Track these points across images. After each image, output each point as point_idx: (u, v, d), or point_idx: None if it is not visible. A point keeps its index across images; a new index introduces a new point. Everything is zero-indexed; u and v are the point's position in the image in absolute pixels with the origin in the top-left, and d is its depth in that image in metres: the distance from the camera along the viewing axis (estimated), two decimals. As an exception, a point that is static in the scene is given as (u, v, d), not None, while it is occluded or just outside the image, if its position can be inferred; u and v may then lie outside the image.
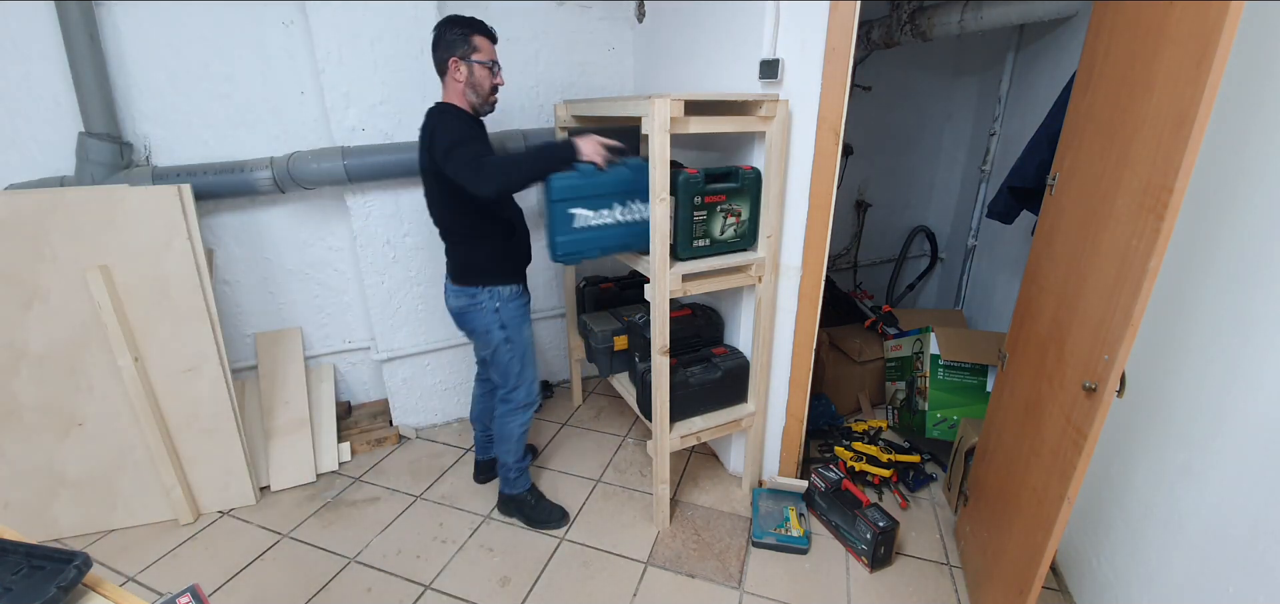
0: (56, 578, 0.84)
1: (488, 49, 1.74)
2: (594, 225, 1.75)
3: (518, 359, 1.92)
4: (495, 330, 1.87)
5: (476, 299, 1.84)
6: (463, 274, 1.85)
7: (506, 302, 1.86)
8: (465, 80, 1.72)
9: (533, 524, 2.11)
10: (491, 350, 1.91)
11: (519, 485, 2.11)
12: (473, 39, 1.71)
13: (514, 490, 2.11)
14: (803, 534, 1.95)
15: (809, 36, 1.68)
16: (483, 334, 1.89)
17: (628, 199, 1.78)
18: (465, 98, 1.74)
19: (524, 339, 1.93)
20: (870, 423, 2.60)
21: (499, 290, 1.84)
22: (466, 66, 1.70)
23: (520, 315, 1.91)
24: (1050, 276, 1.49)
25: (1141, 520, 1.45)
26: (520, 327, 1.91)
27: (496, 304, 1.84)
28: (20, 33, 1.91)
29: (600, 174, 1.71)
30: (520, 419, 2.00)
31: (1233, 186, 1.24)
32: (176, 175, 2.06)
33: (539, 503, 2.13)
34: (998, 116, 2.87)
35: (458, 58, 1.70)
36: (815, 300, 1.91)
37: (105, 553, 1.98)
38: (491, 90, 1.78)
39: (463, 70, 1.71)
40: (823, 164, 1.77)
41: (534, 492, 2.15)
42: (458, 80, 1.72)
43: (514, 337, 1.90)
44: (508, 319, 1.87)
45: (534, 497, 2.13)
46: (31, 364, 1.90)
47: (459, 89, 1.73)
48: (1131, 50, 1.21)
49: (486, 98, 1.77)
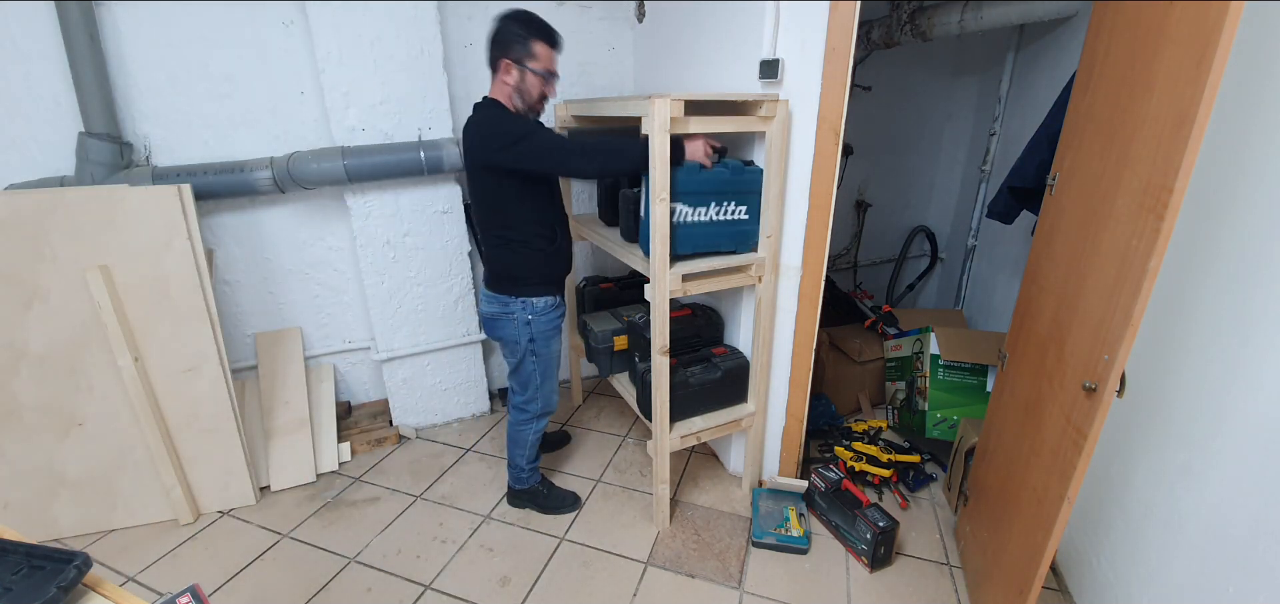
0: (56, 578, 0.84)
1: (546, 57, 1.67)
2: (690, 222, 1.74)
3: (540, 372, 1.90)
4: (523, 342, 1.83)
5: (509, 308, 1.80)
6: (498, 281, 1.80)
7: (540, 314, 1.82)
8: (515, 84, 1.65)
9: (547, 511, 2.13)
10: (517, 361, 1.88)
11: (531, 481, 2.12)
12: (532, 44, 1.64)
13: (526, 485, 2.13)
14: (803, 534, 1.95)
15: (809, 36, 1.68)
16: (511, 343, 1.85)
17: (723, 199, 1.77)
18: (511, 101, 1.68)
19: (551, 353, 1.90)
20: (870, 423, 2.60)
21: (533, 302, 1.80)
22: (519, 71, 1.64)
23: (552, 329, 1.87)
24: (1050, 276, 1.49)
25: (1141, 520, 1.45)
26: (549, 341, 1.87)
27: (529, 316, 1.80)
28: (20, 33, 1.91)
29: (702, 172, 1.69)
30: (534, 427, 2.01)
31: (1233, 186, 1.24)
32: (176, 175, 2.06)
33: (551, 492, 2.15)
34: (998, 116, 2.87)
35: (511, 60, 1.63)
36: (815, 300, 1.91)
37: (105, 553, 1.98)
38: (540, 99, 1.71)
39: (514, 74, 1.64)
40: (823, 164, 1.77)
41: (545, 482, 2.17)
42: (507, 82, 1.66)
43: (541, 350, 1.86)
44: (538, 332, 1.83)
45: (546, 487, 2.16)
46: (31, 364, 1.90)
47: (507, 91, 1.67)
48: (1131, 50, 1.21)
49: (533, 107, 1.71)
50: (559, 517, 2.13)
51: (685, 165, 1.71)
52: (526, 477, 2.11)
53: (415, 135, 2.32)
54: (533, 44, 1.64)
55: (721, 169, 1.77)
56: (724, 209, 1.79)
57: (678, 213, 1.71)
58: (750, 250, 1.89)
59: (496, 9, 2.47)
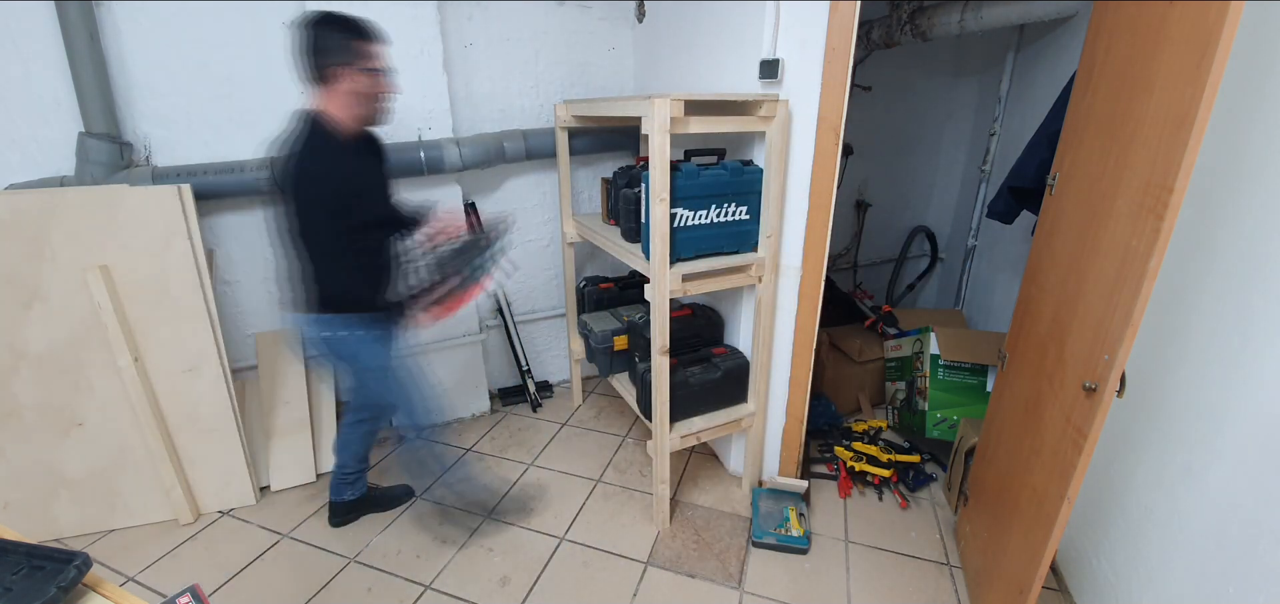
0: (56, 578, 0.84)
1: (379, 53, 1.53)
2: (691, 225, 1.75)
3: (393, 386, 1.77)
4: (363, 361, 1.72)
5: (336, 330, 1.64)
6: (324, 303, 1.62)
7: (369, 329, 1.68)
8: (353, 91, 1.51)
9: (388, 507, 2.15)
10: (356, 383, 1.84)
11: (360, 488, 2.10)
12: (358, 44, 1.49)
13: (356, 494, 2.10)
14: (803, 534, 1.95)
15: (809, 36, 1.68)
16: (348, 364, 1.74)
17: (723, 200, 1.78)
18: (350, 111, 1.53)
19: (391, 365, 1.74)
20: (870, 423, 2.60)
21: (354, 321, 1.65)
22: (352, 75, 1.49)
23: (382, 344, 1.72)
24: (1050, 276, 1.49)
25: (1141, 520, 1.45)
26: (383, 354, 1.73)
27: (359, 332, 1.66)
28: (20, 33, 1.91)
29: (701, 174, 1.70)
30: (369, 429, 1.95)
31: (1233, 186, 1.24)
32: (176, 175, 2.06)
33: (384, 491, 2.16)
34: (998, 116, 2.87)
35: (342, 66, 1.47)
36: (815, 300, 1.91)
37: (105, 553, 1.98)
38: (383, 101, 1.58)
39: (346, 80, 1.48)
40: (823, 164, 1.77)
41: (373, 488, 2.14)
42: (340, 91, 1.50)
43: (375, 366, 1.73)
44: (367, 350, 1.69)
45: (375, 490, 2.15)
46: (31, 364, 1.90)
47: (342, 102, 1.52)
48: (1131, 50, 1.21)
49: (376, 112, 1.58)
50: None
51: (684, 168, 1.71)
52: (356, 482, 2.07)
53: (415, 135, 2.32)
54: (358, 44, 1.48)
55: (721, 170, 1.77)
56: (724, 210, 1.80)
57: (678, 217, 1.71)
58: (750, 250, 1.90)
59: (496, 9, 2.50)
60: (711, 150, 1.86)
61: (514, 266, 2.76)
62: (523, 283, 2.93)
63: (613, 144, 2.71)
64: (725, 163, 1.82)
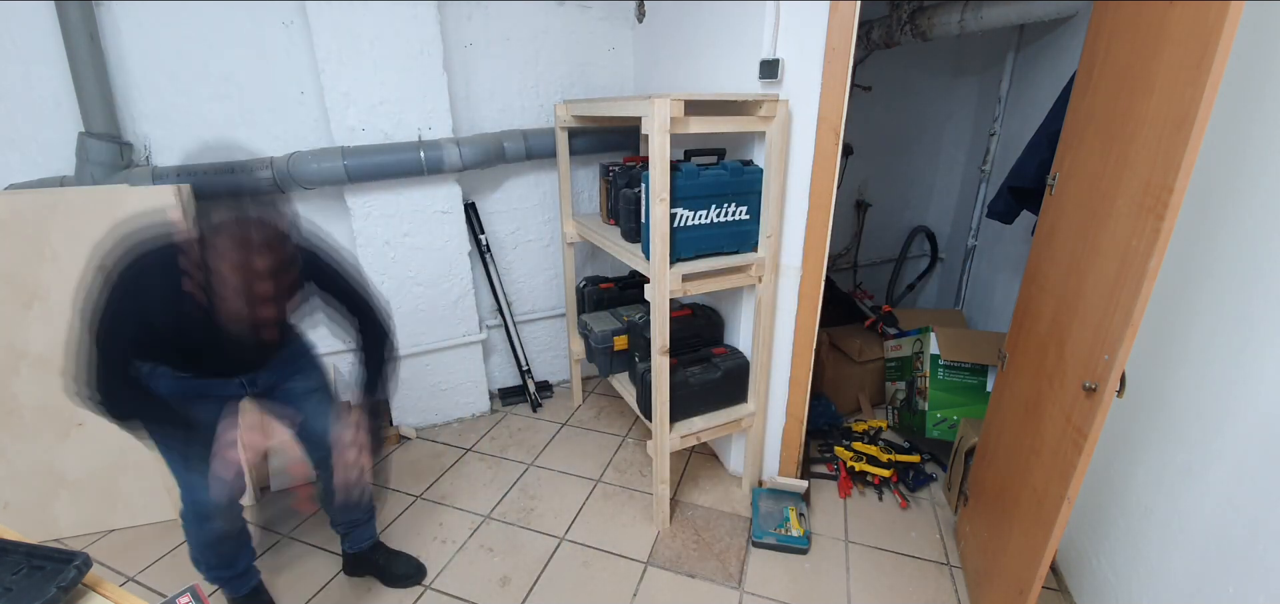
0: (56, 578, 0.84)
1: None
2: (691, 225, 1.76)
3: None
4: None
5: None
6: None
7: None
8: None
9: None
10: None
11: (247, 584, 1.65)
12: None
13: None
14: (803, 534, 1.95)
15: (809, 36, 1.68)
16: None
17: (723, 201, 1.78)
18: None
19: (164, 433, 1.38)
20: (870, 423, 2.60)
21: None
22: None
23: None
24: (1050, 276, 1.49)
25: (1141, 520, 1.45)
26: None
27: None
28: (20, 33, 1.91)
29: (701, 174, 1.71)
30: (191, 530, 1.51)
31: (1233, 186, 1.24)
32: (176, 175, 2.06)
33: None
34: (998, 116, 2.87)
35: None
36: (815, 300, 1.91)
37: (105, 553, 1.98)
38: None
39: None
40: (823, 164, 1.77)
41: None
42: None
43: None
44: None
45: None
46: (31, 364, 1.90)
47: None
48: (1131, 50, 1.21)
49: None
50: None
51: (684, 168, 1.71)
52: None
53: (415, 135, 2.32)
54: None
55: (721, 170, 1.77)
56: (724, 210, 1.80)
57: (678, 217, 1.71)
58: (750, 250, 1.90)
59: (496, 9, 2.50)
60: (711, 150, 1.86)
61: None
62: (523, 283, 2.94)
63: (613, 144, 2.71)
64: (725, 163, 1.82)
